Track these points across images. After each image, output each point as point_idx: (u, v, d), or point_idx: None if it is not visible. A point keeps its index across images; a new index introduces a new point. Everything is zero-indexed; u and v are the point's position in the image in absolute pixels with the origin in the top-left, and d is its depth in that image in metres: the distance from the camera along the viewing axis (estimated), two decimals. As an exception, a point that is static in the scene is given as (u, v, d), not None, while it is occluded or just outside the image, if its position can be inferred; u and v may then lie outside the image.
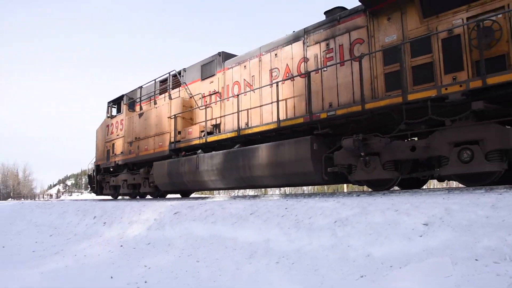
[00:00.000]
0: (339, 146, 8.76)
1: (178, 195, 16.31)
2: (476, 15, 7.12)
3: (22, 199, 41.32)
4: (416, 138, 8.44)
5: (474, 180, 7.27)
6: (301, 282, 4.57)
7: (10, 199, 44.12)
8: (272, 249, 5.57)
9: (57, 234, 10.74)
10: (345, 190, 28.08)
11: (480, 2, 7.12)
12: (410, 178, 8.83)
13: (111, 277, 6.21)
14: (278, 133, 10.15)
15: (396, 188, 8.99)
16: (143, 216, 8.76)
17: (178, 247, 6.81)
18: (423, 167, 8.16)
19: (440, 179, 8.23)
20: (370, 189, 9.03)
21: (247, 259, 5.55)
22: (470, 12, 7.25)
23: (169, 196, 16.84)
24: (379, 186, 8.59)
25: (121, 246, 7.81)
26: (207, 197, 12.75)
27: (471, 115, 7.04)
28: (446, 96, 7.03)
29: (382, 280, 4.05)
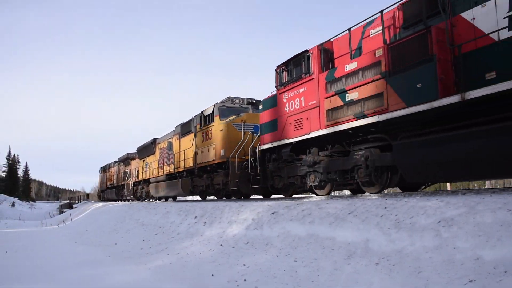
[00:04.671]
0: None
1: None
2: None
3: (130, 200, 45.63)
4: None
5: None
6: (403, 285, 4.38)
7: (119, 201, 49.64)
8: (371, 249, 5.41)
9: (162, 233, 11.42)
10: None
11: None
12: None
13: (212, 275, 6.45)
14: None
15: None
16: (241, 216, 8.96)
17: (276, 247, 6.88)
18: None
19: None
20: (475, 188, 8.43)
21: (346, 260, 5.45)
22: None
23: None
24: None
25: (221, 245, 8.07)
26: (304, 197, 12.73)
27: None
28: None
29: (495, 286, 3.71)
